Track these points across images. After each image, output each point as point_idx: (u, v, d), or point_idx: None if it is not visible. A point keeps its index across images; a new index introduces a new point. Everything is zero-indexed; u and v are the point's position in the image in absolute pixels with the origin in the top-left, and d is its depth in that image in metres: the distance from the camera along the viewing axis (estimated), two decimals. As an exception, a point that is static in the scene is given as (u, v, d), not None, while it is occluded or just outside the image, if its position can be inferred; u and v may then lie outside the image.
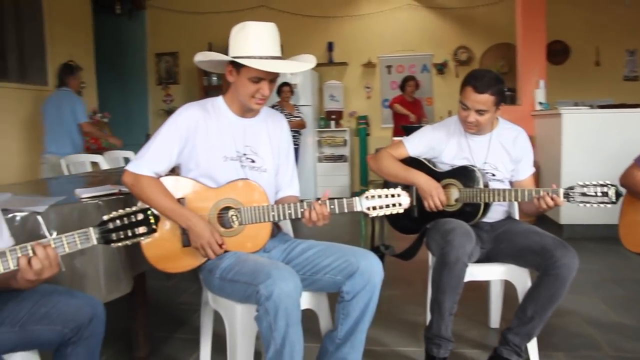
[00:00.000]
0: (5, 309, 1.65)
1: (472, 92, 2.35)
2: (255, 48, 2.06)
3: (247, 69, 2.05)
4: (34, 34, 6.57)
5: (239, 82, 2.11)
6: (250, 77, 2.06)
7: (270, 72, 2.06)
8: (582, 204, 2.17)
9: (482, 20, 8.02)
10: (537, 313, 2.27)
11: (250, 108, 2.17)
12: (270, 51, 2.08)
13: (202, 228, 2.04)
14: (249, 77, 2.06)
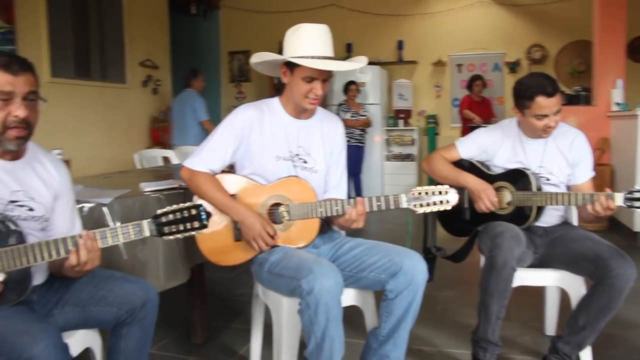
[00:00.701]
0: (69, 291, 1.80)
1: (545, 99, 2.32)
2: (308, 48, 2.13)
3: (300, 69, 2.12)
4: (115, 35, 6.93)
5: (292, 82, 2.18)
6: (303, 77, 2.13)
7: (322, 72, 2.11)
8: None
9: (557, 17, 7.74)
10: (589, 323, 2.22)
11: (304, 108, 2.22)
12: (322, 51, 2.13)
13: (253, 221, 2.12)
14: (302, 77, 2.13)
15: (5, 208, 1.65)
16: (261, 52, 2.23)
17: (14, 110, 1.59)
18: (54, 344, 1.45)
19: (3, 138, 1.61)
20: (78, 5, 6.38)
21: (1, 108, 1.58)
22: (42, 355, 1.41)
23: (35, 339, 1.43)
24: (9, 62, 1.58)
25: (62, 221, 1.85)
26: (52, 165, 1.83)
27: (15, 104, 1.59)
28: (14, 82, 1.58)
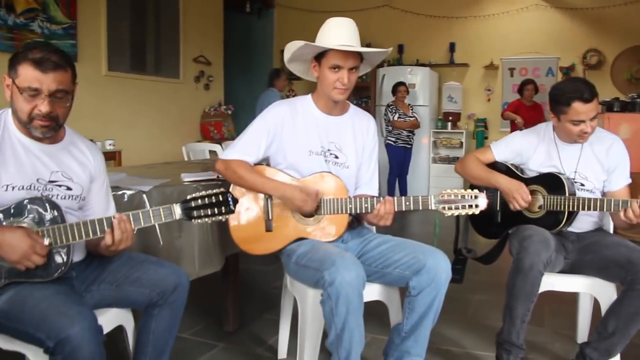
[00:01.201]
0: (106, 270, 1.91)
1: (582, 105, 2.30)
2: (332, 38, 2.20)
3: (326, 59, 2.20)
4: (170, 31, 7.16)
5: (321, 74, 2.24)
6: (330, 67, 2.19)
7: (348, 60, 2.17)
8: None
9: (616, 21, 7.49)
10: (618, 329, 2.18)
11: (333, 99, 2.27)
12: (346, 41, 2.19)
13: (291, 192, 2.19)
14: (329, 67, 2.19)
15: (46, 187, 1.77)
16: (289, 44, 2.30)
17: (39, 105, 1.69)
18: (89, 326, 1.55)
19: (30, 126, 1.72)
20: (136, 3, 6.63)
21: (29, 101, 1.69)
22: (78, 336, 1.51)
23: (73, 320, 1.53)
24: (42, 59, 1.67)
25: (98, 202, 1.97)
26: (87, 150, 1.96)
27: (40, 99, 1.69)
28: (42, 79, 1.67)
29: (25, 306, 1.59)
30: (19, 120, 1.74)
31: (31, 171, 1.76)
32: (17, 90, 1.68)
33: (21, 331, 1.58)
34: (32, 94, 1.68)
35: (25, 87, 1.67)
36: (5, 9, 4.95)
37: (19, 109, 1.71)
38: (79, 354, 1.50)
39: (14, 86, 1.69)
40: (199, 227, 2.54)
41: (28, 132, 1.76)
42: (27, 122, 1.72)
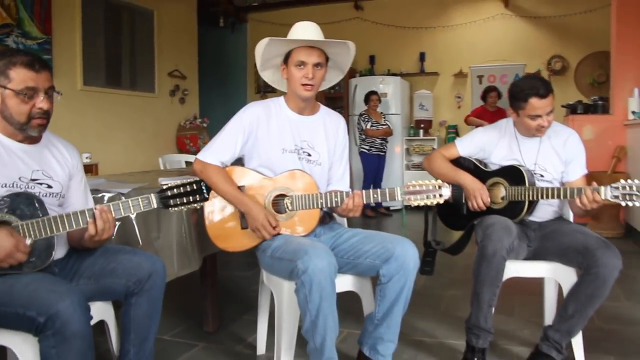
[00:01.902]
0: (84, 264, 1.99)
1: (538, 101, 2.43)
2: (297, 36, 2.34)
3: (291, 58, 2.33)
4: (145, 46, 7.25)
5: (289, 74, 2.37)
6: (295, 65, 2.32)
7: (311, 56, 2.30)
8: (623, 202, 2.19)
9: (578, 29, 7.77)
10: (577, 311, 2.31)
11: (302, 96, 2.38)
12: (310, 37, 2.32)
13: (257, 212, 2.28)
14: (294, 65, 2.32)
15: (28, 186, 1.86)
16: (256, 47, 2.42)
17: (38, 103, 1.81)
18: (77, 302, 1.63)
19: (27, 127, 1.83)
20: (110, 18, 6.71)
21: (27, 102, 1.80)
22: (67, 311, 1.59)
23: (62, 296, 1.62)
24: (32, 61, 1.81)
25: (77, 197, 2.06)
26: (64, 149, 2.06)
27: (39, 98, 1.81)
28: (37, 78, 1.80)
29: (14, 289, 1.66)
30: (12, 124, 1.83)
31: (13, 170, 1.84)
32: (13, 93, 1.78)
33: (10, 314, 1.64)
34: (30, 94, 1.79)
35: (22, 88, 1.78)
36: (-20, 25, 4.99)
37: (15, 113, 1.80)
38: (69, 328, 1.58)
39: (5, 91, 1.79)
40: (176, 229, 2.62)
41: (12, 134, 1.85)
42: (25, 123, 1.82)
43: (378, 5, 8.84)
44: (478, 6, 8.37)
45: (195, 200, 1.93)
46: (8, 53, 1.83)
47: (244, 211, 2.32)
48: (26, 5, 5.46)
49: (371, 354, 2.29)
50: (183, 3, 7.94)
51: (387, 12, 8.77)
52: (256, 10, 9.55)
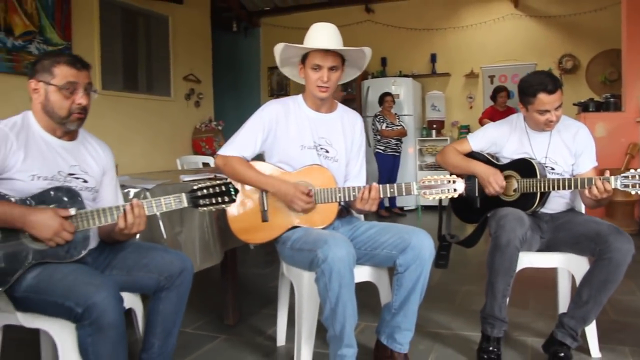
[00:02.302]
0: (117, 257, 2.09)
1: (546, 96, 2.50)
2: (314, 40, 2.42)
3: (308, 60, 2.42)
4: (160, 51, 7.39)
5: (306, 75, 2.46)
6: (311, 67, 2.41)
7: (326, 59, 2.38)
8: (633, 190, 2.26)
9: (589, 27, 7.81)
10: (591, 297, 2.37)
11: (317, 97, 2.47)
12: (326, 43, 2.40)
13: (286, 188, 2.37)
14: (311, 67, 2.41)
15: (65, 179, 1.97)
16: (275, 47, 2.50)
17: (77, 99, 1.95)
18: (113, 294, 1.74)
19: (67, 121, 1.97)
20: (127, 24, 6.86)
21: (68, 97, 1.94)
22: (103, 302, 1.70)
23: (98, 288, 1.72)
24: (74, 60, 1.97)
25: (109, 193, 2.17)
26: (98, 146, 2.19)
27: (78, 94, 1.96)
28: (78, 75, 1.96)
29: (53, 279, 1.77)
30: (53, 118, 1.96)
31: (53, 164, 1.95)
32: (56, 89, 1.92)
33: (50, 302, 1.75)
34: (71, 89, 1.93)
35: (64, 83, 1.92)
36: (4, 32, 5.14)
37: (57, 107, 1.94)
38: (105, 318, 1.69)
39: (49, 87, 1.92)
40: (199, 224, 2.72)
41: (52, 129, 1.99)
42: (65, 117, 1.95)
43: (389, 8, 8.93)
44: (488, 7, 8.43)
45: (223, 201, 2.02)
46: (53, 54, 2.04)
47: (273, 191, 2.40)
48: (47, 13, 5.60)
49: (389, 343, 2.36)
50: (197, 8, 8.07)
51: (397, 15, 8.86)
52: (268, 15, 9.67)
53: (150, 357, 2.07)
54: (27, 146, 1.91)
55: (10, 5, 5.21)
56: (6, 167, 1.86)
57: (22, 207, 1.81)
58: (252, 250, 5.24)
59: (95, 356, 1.75)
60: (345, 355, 2.18)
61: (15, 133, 1.90)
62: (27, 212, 1.79)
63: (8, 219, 1.76)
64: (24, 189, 1.87)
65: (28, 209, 1.81)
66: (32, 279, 1.81)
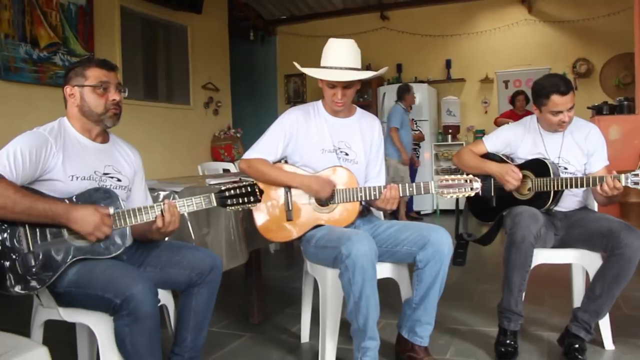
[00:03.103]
0: (150, 255, 2.20)
1: (560, 97, 2.59)
2: (331, 59, 2.53)
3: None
4: (180, 61, 7.56)
5: (323, 88, 2.59)
6: (327, 84, 2.54)
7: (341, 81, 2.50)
8: None
9: (602, 31, 7.85)
10: (604, 291, 2.45)
11: (334, 109, 2.61)
12: (344, 62, 2.51)
13: (309, 180, 2.51)
14: (326, 84, 2.55)
15: (101, 179, 2.10)
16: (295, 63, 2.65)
17: (111, 96, 2.10)
18: (149, 287, 1.85)
19: (104, 117, 2.11)
20: (147, 35, 7.03)
21: (102, 95, 2.09)
22: (140, 294, 1.81)
23: (135, 281, 1.84)
24: (104, 61, 2.15)
25: (138, 193, 2.31)
26: (128, 149, 2.33)
27: (111, 91, 2.10)
28: (108, 75, 2.11)
29: (93, 274, 1.89)
30: (90, 117, 2.10)
31: (89, 165, 2.09)
32: (90, 89, 2.07)
33: (90, 295, 1.87)
34: (104, 87, 2.08)
35: (97, 82, 2.07)
36: (31, 44, 5.32)
37: (93, 106, 2.08)
38: (142, 309, 1.80)
39: (84, 89, 2.07)
40: (225, 225, 2.84)
41: (88, 131, 2.13)
42: (102, 114, 2.09)
43: (404, 15, 9.04)
44: (502, 12, 8.50)
45: (249, 201, 2.14)
46: (82, 60, 2.18)
47: (298, 184, 2.53)
48: (71, 24, 5.78)
49: (410, 336, 2.45)
50: (215, 18, 8.23)
51: (412, 21, 8.96)
52: (285, 23, 9.83)
53: (183, 350, 2.18)
54: (64, 149, 2.04)
55: (35, 18, 5.39)
56: (47, 169, 1.98)
57: (65, 204, 1.93)
58: (273, 255, 5.35)
59: (132, 346, 1.86)
60: (368, 347, 2.28)
61: (53, 137, 2.02)
62: (70, 208, 1.91)
63: (53, 215, 1.88)
64: (64, 189, 1.99)
65: (71, 205, 1.94)
66: (73, 274, 1.92)
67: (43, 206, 1.86)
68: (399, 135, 6.90)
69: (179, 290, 2.23)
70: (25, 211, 1.83)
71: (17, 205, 1.81)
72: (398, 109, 7.03)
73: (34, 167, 1.94)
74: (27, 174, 1.92)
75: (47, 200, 1.89)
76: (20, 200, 1.82)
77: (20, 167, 1.89)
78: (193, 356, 2.19)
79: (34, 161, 1.93)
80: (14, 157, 1.89)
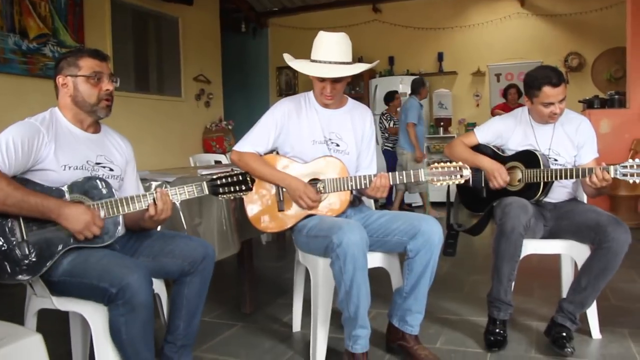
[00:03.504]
0: (143, 244, 2.20)
1: (551, 89, 2.60)
2: (320, 53, 2.53)
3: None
4: (171, 52, 7.53)
5: (313, 81, 2.59)
6: (317, 77, 2.53)
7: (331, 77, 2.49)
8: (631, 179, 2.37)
9: (594, 25, 7.89)
10: (590, 284, 2.48)
11: (323, 103, 2.62)
12: (333, 56, 2.50)
13: (296, 184, 2.50)
14: (316, 77, 2.53)
15: (93, 169, 2.10)
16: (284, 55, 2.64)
17: (104, 86, 2.10)
18: (144, 276, 1.86)
19: (97, 107, 2.11)
20: (138, 26, 7.00)
21: (96, 85, 2.08)
22: (135, 283, 1.82)
23: (131, 270, 1.84)
24: (96, 51, 2.14)
25: (130, 183, 2.31)
26: (119, 139, 2.33)
27: (104, 81, 2.10)
28: (101, 65, 2.11)
29: (88, 263, 1.89)
30: (83, 107, 2.09)
31: (81, 154, 2.08)
32: (84, 79, 2.06)
33: (86, 284, 1.87)
34: (98, 77, 2.07)
35: (91, 72, 2.06)
36: (20, 35, 5.28)
37: (86, 96, 2.07)
38: (137, 298, 1.81)
39: (77, 79, 2.06)
40: (217, 216, 2.84)
41: (79, 122, 2.13)
42: (95, 104, 2.09)
43: (396, 7, 9.04)
44: (494, 6, 8.52)
45: (241, 189, 2.15)
46: (74, 50, 2.18)
47: (284, 185, 2.53)
48: (60, 15, 5.74)
49: (400, 325, 2.48)
50: (206, 10, 8.20)
51: (405, 14, 8.96)
52: (276, 15, 9.81)
53: (175, 339, 2.19)
54: (56, 139, 2.03)
55: (24, 9, 5.35)
56: (39, 159, 1.98)
57: (57, 200, 1.92)
58: (264, 246, 5.36)
59: (128, 336, 1.86)
60: (359, 335, 2.30)
61: (45, 127, 2.02)
62: (62, 205, 1.90)
63: (45, 210, 1.87)
64: (56, 178, 1.99)
65: (63, 202, 1.93)
66: (68, 263, 1.93)
67: (35, 200, 1.86)
68: (415, 131, 6.87)
69: (171, 279, 2.24)
70: (17, 204, 1.83)
71: (9, 198, 1.82)
72: (414, 103, 6.93)
73: (26, 157, 1.93)
74: (19, 164, 1.92)
75: (39, 195, 1.89)
76: (12, 193, 1.82)
77: (13, 158, 1.89)
78: (186, 344, 2.20)
79: (26, 151, 1.92)
80: (6, 147, 1.88)
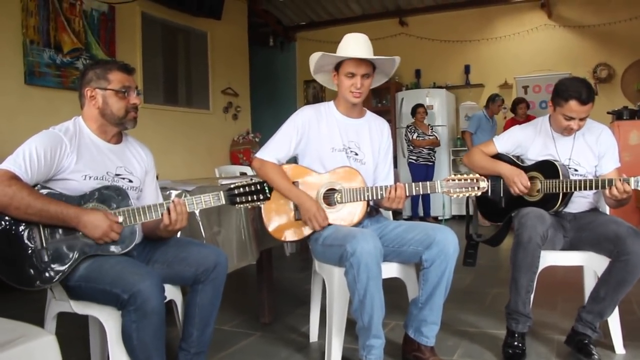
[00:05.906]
0: (158, 252, 2.25)
1: (577, 105, 2.57)
2: (350, 49, 2.58)
3: (342, 68, 2.58)
4: (199, 66, 7.66)
5: (339, 81, 2.61)
6: (345, 74, 2.56)
7: (360, 67, 2.54)
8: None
9: (623, 36, 7.75)
10: (608, 295, 2.45)
11: (350, 102, 2.62)
12: (359, 52, 2.56)
13: (310, 204, 2.52)
14: (345, 74, 2.57)
15: (113, 179, 2.15)
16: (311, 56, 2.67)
17: (132, 100, 2.16)
18: (156, 283, 1.90)
19: (125, 120, 2.17)
20: (168, 40, 7.14)
21: (124, 98, 2.15)
22: (147, 290, 1.86)
23: (143, 277, 1.89)
24: (125, 65, 2.20)
25: (149, 192, 2.35)
26: (141, 149, 2.37)
27: (132, 95, 2.17)
28: (129, 79, 2.18)
29: (103, 269, 1.94)
30: (111, 120, 2.16)
31: (102, 166, 2.14)
32: (113, 93, 2.13)
33: (99, 289, 1.92)
34: (127, 91, 2.14)
35: (120, 87, 2.13)
36: (54, 49, 5.45)
37: (115, 109, 2.14)
38: (148, 305, 1.85)
39: (106, 92, 2.13)
40: (236, 225, 2.88)
41: (103, 133, 2.18)
42: (123, 117, 2.15)
43: (422, 21, 9.04)
44: (521, 18, 8.46)
45: (258, 199, 2.18)
46: (102, 62, 2.23)
47: (298, 203, 2.55)
48: (93, 30, 5.90)
49: (416, 336, 2.47)
50: (235, 24, 8.33)
51: (431, 27, 8.96)
52: (304, 29, 9.91)
53: (189, 346, 2.22)
54: (79, 149, 2.09)
55: (59, 25, 5.52)
56: (61, 169, 2.04)
57: (76, 208, 1.98)
58: (288, 257, 5.39)
59: (139, 342, 1.90)
60: (373, 345, 2.30)
61: (68, 138, 2.08)
62: (81, 213, 1.96)
63: (65, 218, 1.93)
64: (77, 188, 2.05)
65: (82, 210, 1.98)
66: (84, 269, 1.98)
67: (55, 209, 1.92)
68: (472, 139, 7.39)
69: (187, 286, 2.27)
70: (38, 213, 1.90)
71: (30, 207, 1.88)
72: (479, 114, 7.52)
73: (49, 166, 2.00)
74: (41, 174, 1.98)
75: (59, 204, 1.94)
76: (33, 203, 1.88)
77: (36, 167, 1.95)
78: (200, 351, 2.23)
79: (48, 161, 1.99)
80: (30, 156, 1.95)
